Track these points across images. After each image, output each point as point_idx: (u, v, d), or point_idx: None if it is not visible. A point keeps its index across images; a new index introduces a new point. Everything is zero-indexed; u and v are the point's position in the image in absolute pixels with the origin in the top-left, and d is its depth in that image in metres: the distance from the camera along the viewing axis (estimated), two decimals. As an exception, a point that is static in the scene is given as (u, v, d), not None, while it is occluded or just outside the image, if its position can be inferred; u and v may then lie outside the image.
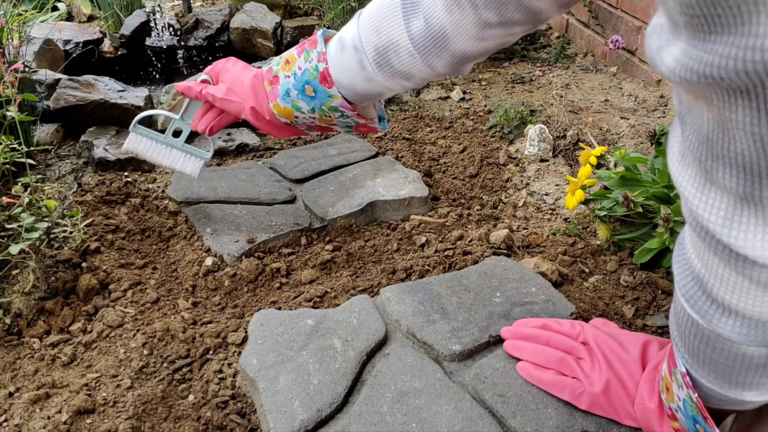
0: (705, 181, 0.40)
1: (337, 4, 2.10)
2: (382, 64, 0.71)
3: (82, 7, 2.48)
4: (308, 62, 0.75)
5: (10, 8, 1.58)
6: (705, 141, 0.38)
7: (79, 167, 1.33)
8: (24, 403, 0.75)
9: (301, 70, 0.76)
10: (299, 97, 0.77)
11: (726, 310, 0.45)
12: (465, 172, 1.35)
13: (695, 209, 0.42)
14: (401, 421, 0.68)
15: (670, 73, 0.36)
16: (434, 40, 0.67)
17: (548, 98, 1.66)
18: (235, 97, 0.84)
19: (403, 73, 0.71)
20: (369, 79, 0.73)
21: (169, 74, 2.08)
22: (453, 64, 0.70)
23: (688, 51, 0.34)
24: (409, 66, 0.70)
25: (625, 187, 0.96)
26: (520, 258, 1.01)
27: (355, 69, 0.72)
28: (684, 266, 0.48)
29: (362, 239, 1.11)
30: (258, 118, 0.84)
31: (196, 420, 0.75)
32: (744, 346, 0.46)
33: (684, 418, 0.56)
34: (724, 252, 0.41)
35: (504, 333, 0.78)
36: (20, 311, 0.89)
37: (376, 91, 0.75)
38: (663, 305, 0.90)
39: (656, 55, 0.37)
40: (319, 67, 0.74)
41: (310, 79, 0.75)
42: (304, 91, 0.76)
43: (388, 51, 0.70)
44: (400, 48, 0.69)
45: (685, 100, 0.40)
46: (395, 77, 0.72)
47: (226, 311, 0.95)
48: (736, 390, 0.51)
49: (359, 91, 0.75)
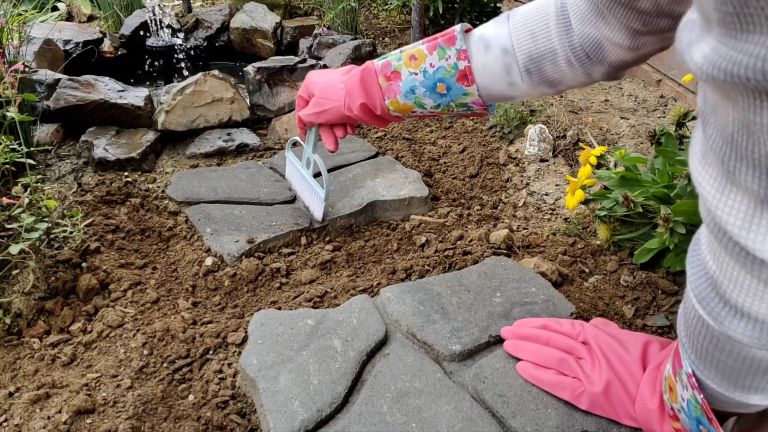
0: (726, 182, 0.40)
1: (337, 4, 2.10)
2: (531, 70, 0.70)
3: (82, 7, 2.48)
4: (444, 59, 0.71)
5: (10, 8, 1.58)
6: (729, 141, 0.38)
7: (79, 167, 1.33)
8: (24, 403, 0.75)
9: (433, 67, 0.72)
10: (426, 94, 0.74)
11: (738, 313, 0.45)
12: (465, 172, 1.35)
13: (714, 210, 0.41)
14: (401, 421, 0.68)
15: (697, 69, 0.36)
16: (593, 51, 0.67)
17: (548, 98, 1.66)
18: (329, 102, 0.81)
19: (553, 80, 0.71)
20: (510, 84, 0.71)
21: (169, 74, 2.08)
22: (610, 73, 0.70)
23: (718, 48, 0.34)
24: (563, 74, 0.70)
25: (625, 187, 0.96)
26: (520, 258, 1.01)
27: (499, 71, 0.70)
28: (698, 267, 0.48)
29: (362, 239, 1.11)
30: (367, 114, 0.80)
31: (196, 420, 0.75)
32: (754, 350, 0.46)
33: (687, 419, 0.56)
34: (740, 254, 0.41)
35: (504, 333, 0.78)
36: (20, 311, 0.89)
37: (510, 95, 0.73)
38: (663, 305, 0.90)
39: (686, 50, 0.37)
40: (459, 65, 0.71)
41: (444, 77, 0.72)
42: (435, 88, 0.73)
43: (544, 59, 0.69)
44: (558, 57, 0.68)
45: (710, 99, 0.39)
46: (540, 84, 0.71)
47: (226, 311, 0.95)
48: (742, 393, 0.51)
49: (494, 93, 0.73)
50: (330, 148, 0.88)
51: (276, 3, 2.38)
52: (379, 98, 0.77)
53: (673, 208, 0.84)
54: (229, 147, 1.43)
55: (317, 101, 0.83)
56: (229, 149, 1.43)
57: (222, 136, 1.47)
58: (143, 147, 1.36)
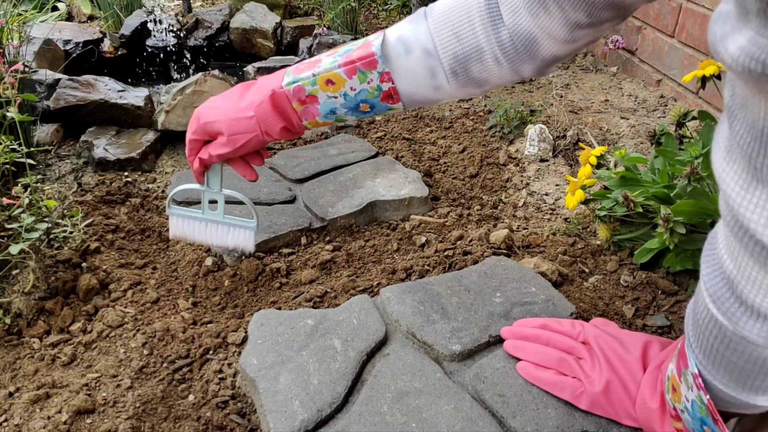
0: (752, 179, 0.39)
1: (337, 4, 2.10)
2: (458, 72, 0.66)
3: (82, 7, 2.48)
4: (366, 83, 0.68)
5: (10, 8, 1.58)
6: (759, 137, 0.37)
7: (79, 167, 1.33)
8: (24, 403, 0.75)
9: (354, 90, 0.69)
10: (348, 113, 0.72)
11: (754, 313, 0.44)
12: (465, 172, 1.35)
13: (737, 207, 0.40)
14: (401, 421, 0.68)
15: (732, 62, 0.35)
16: (525, 46, 0.63)
17: (548, 98, 1.66)
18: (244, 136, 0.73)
19: (480, 80, 0.67)
20: (436, 87, 0.68)
21: (169, 74, 2.09)
22: (540, 68, 0.67)
23: (756, 40, 0.33)
24: (490, 73, 0.66)
25: (625, 187, 0.96)
26: (520, 258, 1.01)
27: (422, 75, 0.67)
28: (714, 265, 0.47)
29: (362, 239, 1.11)
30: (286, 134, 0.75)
31: (196, 420, 0.75)
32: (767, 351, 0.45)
33: (690, 419, 0.55)
34: (761, 254, 0.40)
35: (504, 333, 0.78)
36: (20, 311, 0.89)
37: (435, 98, 0.70)
38: (663, 305, 0.90)
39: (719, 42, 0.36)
40: (383, 87, 0.68)
41: (368, 98, 0.69)
42: (358, 108, 0.71)
43: (470, 59, 0.65)
44: (485, 55, 0.65)
45: (739, 94, 0.38)
46: (467, 86, 0.68)
47: (226, 311, 0.95)
48: (750, 394, 0.51)
49: (417, 98, 0.70)
50: (252, 179, 0.81)
51: (276, 3, 2.38)
52: (296, 119, 0.73)
53: (673, 208, 0.84)
54: (229, 147, 1.43)
55: (230, 139, 0.74)
56: (229, 149, 1.43)
57: (222, 136, 1.46)
58: (143, 147, 1.36)
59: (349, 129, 1.54)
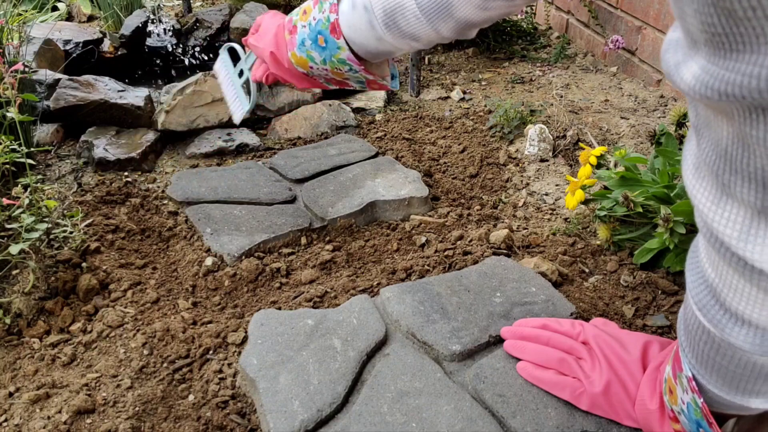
0: (721, 194, 0.39)
1: (337, 4, 2.10)
2: (390, 25, 0.73)
3: (82, 7, 2.48)
4: (321, 12, 0.77)
5: (10, 8, 1.58)
6: (723, 155, 0.38)
7: (79, 167, 1.33)
8: (24, 403, 0.75)
9: (315, 20, 0.77)
10: (313, 47, 0.79)
11: (739, 320, 0.45)
12: (465, 172, 1.35)
13: (710, 222, 0.41)
14: (401, 421, 0.68)
15: (689, 90, 0.35)
16: (439, 6, 0.69)
17: (548, 98, 1.66)
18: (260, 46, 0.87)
19: (411, 34, 0.73)
20: (378, 39, 0.75)
21: (169, 74, 2.09)
22: (457, 30, 0.72)
23: (708, 68, 0.34)
24: (416, 29, 0.72)
25: (625, 187, 0.96)
26: (520, 258, 1.01)
27: (365, 28, 0.74)
28: (697, 274, 0.48)
29: (362, 239, 1.11)
30: (278, 66, 0.86)
31: (196, 420, 0.75)
32: (756, 356, 0.46)
33: (687, 422, 0.56)
34: (738, 264, 0.40)
35: (504, 333, 0.78)
36: (20, 311, 0.89)
37: (386, 49, 0.77)
38: (663, 305, 0.90)
39: (674, 71, 0.37)
40: (330, 17, 0.76)
41: (322, 29, 0.77)
42: (317, 41, 0.78)
43: (396, 13, 0.71)
44: (407, 11, 0.71)
45: (702, 114, 0.39)
46: (403, 38, 0.74)
47: (226, 311, 0.95)
48: (743, 397, 0.51)
49: (371, 49, 0.77)
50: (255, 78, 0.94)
51: (276, 3, 2.38)
52: (285, 50, 0.83)
53: (673, 208, 0.84)
54: (229, 147, 1.43)
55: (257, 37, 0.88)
56: (229, 149, 1.43)
57: (222, 136, 1.47)
58: (143, 147, 1.36)
59: (350, 129, 1.55)
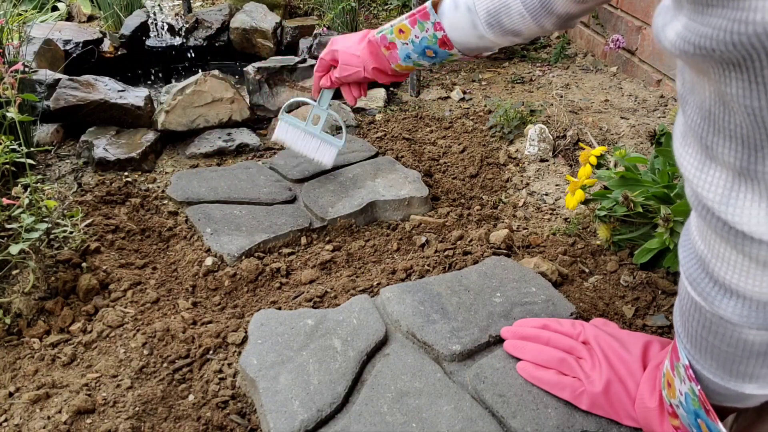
0: (705, 158, 0.42)
1: (337, 4, 2.10)
2: (492, 24, 0.81)
3: (82, 7, 2.48)
4: (424, 31, 0.87)
5: (10, 8, 1.58)
6: (707, 116, 0.40)
7: (79, 167, 1.33)
8: (24, 403, 0.75)
9: (418, 38, 0.88)
10: (420, 58, 0.92)
11: (727, 291, 0.46)
12: (465, 172, 1.35)
13: (696, 188, 0.43)
14: (401, 421, 0.68)
15: (671, 46, 0.38)
16: (542, 4, 0.77)
17: (548, 98, 1.66)
18: (351, 68, 1.01)
19: (513, 31, 0.82)
20: (480, 37, 0.83)
21: (169, 74, 2.08)
22: (560, 23, 0.80)
23: (688, 25, 0.36)
24: (519, 25, 0.81)
25: (625, 187, 0.96)
26: (520, 258, 1.01)
27: (468, 27, 0.83)
28: (688, 250, 0.50)
29: (362, 239, 1.11)
30: (381, 75, 1.00)
31: (196, 420, 0.75)
32: (745, 330, 0.46)
33: (685, 414, 0.56)
34: (723, 229, 0.42)
35: (504, 333, 0.78)
36: (20, 311, 0.89)
37: (485, 46, 0.86)
38: (663, 305, 0.90)
39: (661, 32, 0.40)
40: (438, 35, 0.86)
41: (429, 44, 0.88)
42: (425, 53, 0.90)
43: (500, 13, 0.80)
44: (511, 10, 0.79)
45: (688, 80, 0.42)
46: (505, 35, 0.82)
47: (226, 311, 0.95)
48: (737, 381, 0.51)
49: (470, 46, 0.86)
50: (351, 103, 1.10)
51: (276, 3, 2.38)
52: (386, 63, 0.97)
53: (673, 208, 0.84)
54: (229, 147, 1.43)
55: (342, 67, 1.02)
56: (229, 149, 1.43)
57: (222, 136, 1.47)
58: (143, 147, 1.36)
59: (349, 129, 1.55)
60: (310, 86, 1.63)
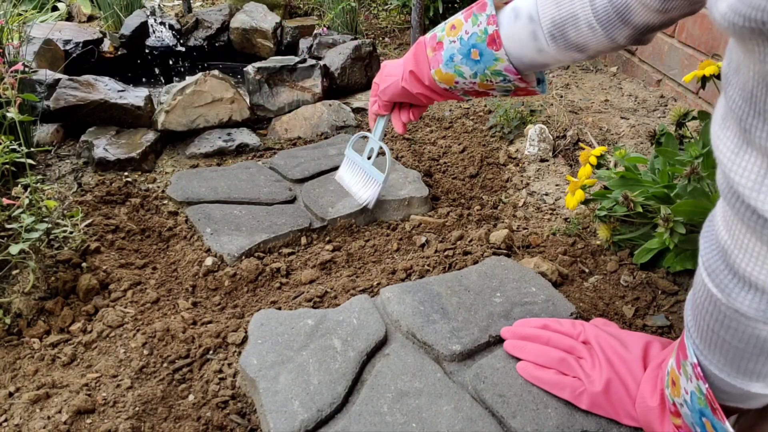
0: (742, 143, 0.41)
1: (337, 4, 2.10)
2: (556, 36, 0.72)
3: (82, 7, 2.48)
4: (476, 25, 0.76)
5: (10, 8, 1.58)
6: (749, 98, 0.39)
7: (79, 167, 1.33)
8: (24, 403, 0.75)
9: (468, 34, 0.78)
10: (463, 61, 0.80)
11: (746, 284, 0.46)
12: (465, 172, 1.35)
13: (728, 172, 0.43)
14: (401, 421, 0.68)
15: (721, 18, 0.38)
16: (618, 13, 0.68)
17: (548, 98, 1.66)
18: (390, 79, 0.92)
19: (579, 45, 0.72)
20: (539, 50, 0.74)
21: (168, 74, 2.08)
22: (634, 37, 0.70)
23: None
24: (587, 39, 0.71)
25: (625, 187, 0.96)
26: (520, 258, 1.01)
27: (527, 39, 0.74)
28: (711, 240, 0.49)
29: (362, 239, 1.11)
30: (415, 84, 0.88)
31: (196, 420, 0.75)
32: (759, 325, 0.46)
33: (689, 413, 0.56)
34: (751, 218, 0.42)
35: (504, 333, 0.78)
36: (20, 311, 0.89)
37: (543, 62, 0.77)
38: (663, 305, 0.90)
39: (713, 5, 0.39)
40: (489, 30, 0.75)
41: (477, 42, 0.77)
42: (470, 55, 0.79)
43: (566, 24, 0.71)
44: (579, 21, 0.70)
45: (734, 59, 0.41)
46: (568, 49, 0.73)
47: (226, 311, 0.95)
48: (744, 379, 0.51)
49: (526, 61, 0.76)
50: (399, 131, 1.01)
51: (276, 3, 2.38)
52: (426, 68, 0.85)
53: (673, 208, 0.84)
54: (229, 147, 1.43)
55: (383, 78, 0.94)
56: (229, 149, 1.43)
57: (222, 136, 1.47)
58: (143, 147, 1.36)
59: (350, 129, 1.54)
60: (309, 86, 1.63)
